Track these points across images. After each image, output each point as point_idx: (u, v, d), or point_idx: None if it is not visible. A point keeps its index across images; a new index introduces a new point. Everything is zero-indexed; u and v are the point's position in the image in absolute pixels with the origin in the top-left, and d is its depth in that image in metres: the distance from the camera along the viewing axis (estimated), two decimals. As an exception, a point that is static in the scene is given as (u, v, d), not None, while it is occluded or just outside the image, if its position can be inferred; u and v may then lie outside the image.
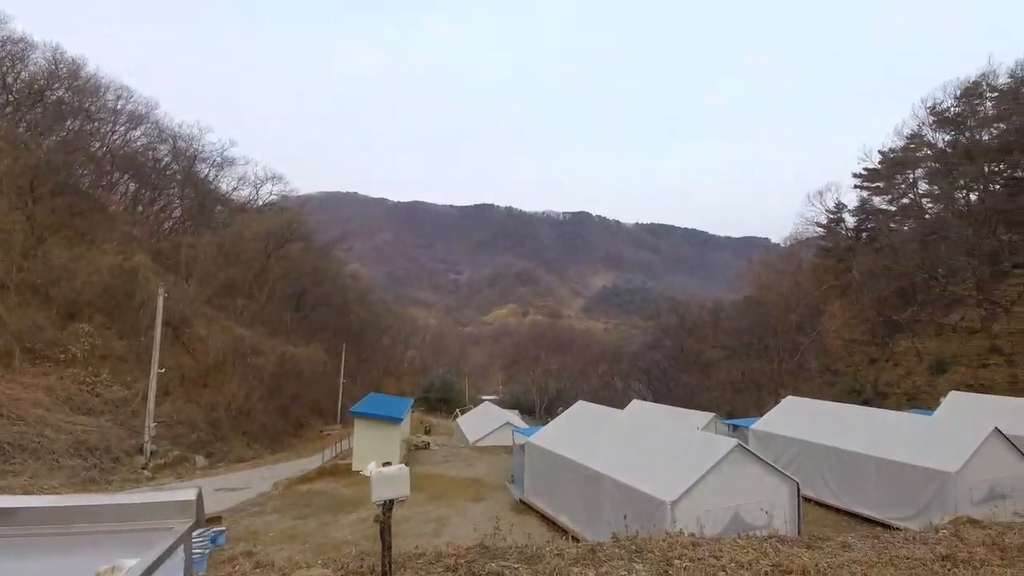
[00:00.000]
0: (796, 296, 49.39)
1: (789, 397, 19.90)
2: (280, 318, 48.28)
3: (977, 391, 27.17)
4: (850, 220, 56.84)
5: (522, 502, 15.87)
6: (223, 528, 9.38)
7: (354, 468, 20.25)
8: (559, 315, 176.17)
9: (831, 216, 56.83)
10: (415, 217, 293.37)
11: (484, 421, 30.98)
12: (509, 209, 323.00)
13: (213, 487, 19.41)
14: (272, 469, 24.54)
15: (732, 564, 4.86)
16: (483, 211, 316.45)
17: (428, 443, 26.22)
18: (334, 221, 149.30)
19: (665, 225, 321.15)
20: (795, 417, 18.08)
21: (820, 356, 45.80)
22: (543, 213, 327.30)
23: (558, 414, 19.67)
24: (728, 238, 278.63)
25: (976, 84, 46.59)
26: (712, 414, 30.66)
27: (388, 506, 4.52)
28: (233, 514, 15.09)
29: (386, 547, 4.47)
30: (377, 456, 11.81)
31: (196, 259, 40.96)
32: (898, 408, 29.21)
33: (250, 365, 36.12)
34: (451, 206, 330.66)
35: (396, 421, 21.49)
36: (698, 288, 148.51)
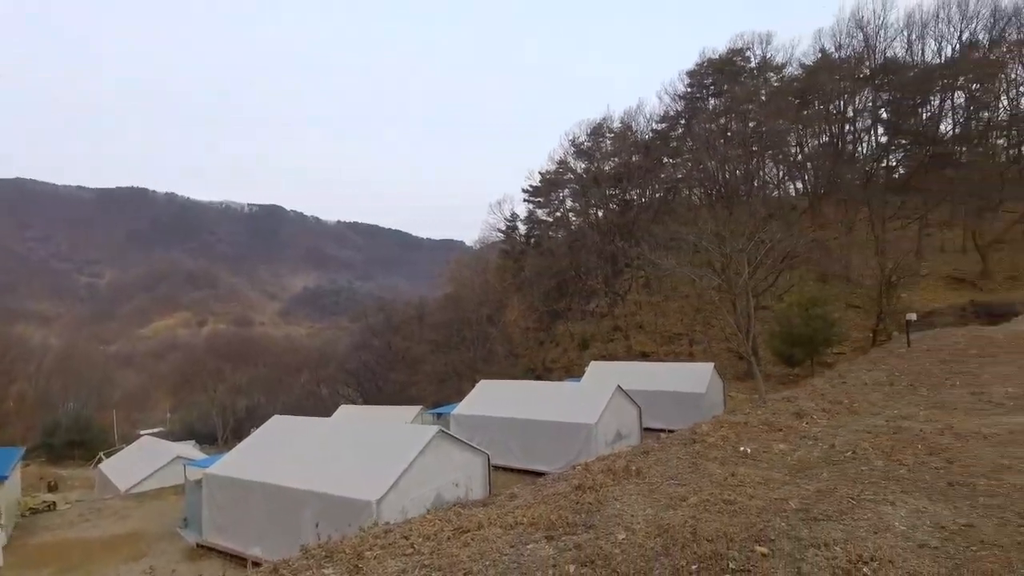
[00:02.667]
0: (486, 292, 56.55)
1: (483, 381, 22.22)
2: None
3: (608, 359, 35.79)
4: (522, 228, 67.71)
5: (200, 546, 13.31)
6: None
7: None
8: (249, 322, 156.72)
9: (508, 223, 66.59)
10: (22, 200, 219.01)
11: (142, 461, 24.39)
12: (171, 196, 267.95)
13: None
14: None
15: (420, 538, 4.93)
16: (133, 196, 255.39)
17: (53, 502, 19.71)
18: None
19: (370, 224, 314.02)
20: (488, 398, 20.30)
21: (505, 343, 53.49)
22: (222, 203, 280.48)
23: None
24: (430, 239, 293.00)
25: (600, 125, 61.46)
26: (420, 407, 32.13)
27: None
28: None
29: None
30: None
31: None
32: (559, 379, 36.11)
33: None
34: (82, 188, 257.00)
35: (-9, 483, 15.39)
36: (405, 287, 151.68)
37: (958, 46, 47.77)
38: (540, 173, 63.39)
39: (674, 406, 21.91)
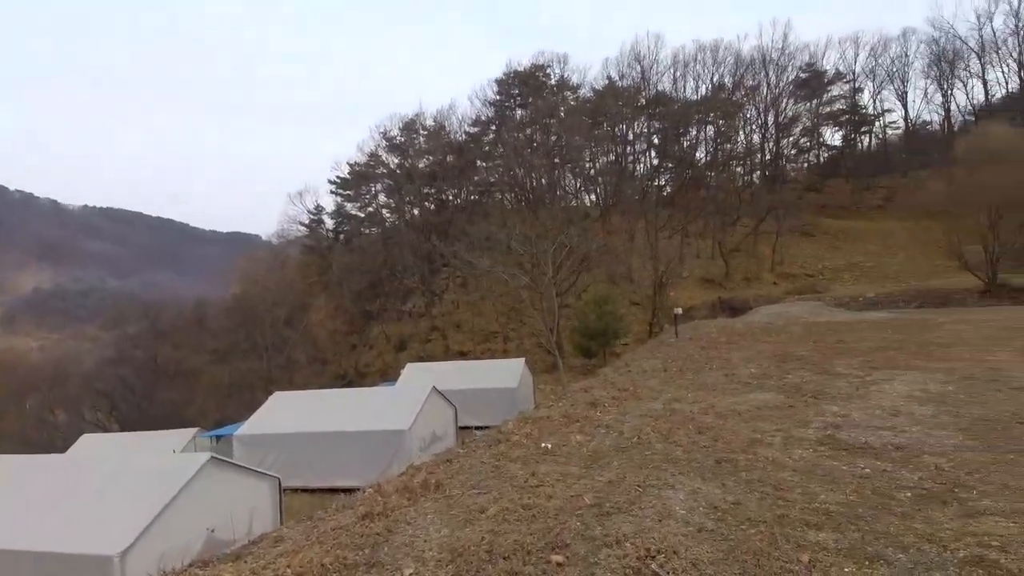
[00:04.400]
0: (283, 292, 50.88)
1: (276, 393, 19.62)
2: None
3: (426, 360, 35.12)
4: (329, 222, 63.18)
5: None
6: None
7: None
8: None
9: (312, 217, 61.59)
10: None
11: None
12: None
13: None
14: None
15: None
16: None
17: None
18: None
19: (130, 211, 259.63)
20: (282, 412, 17.90)
21: (309, 348, 48.99)
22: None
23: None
24: (216, 232, 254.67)
25: (413, 121, 60.49)
26: (195, 429, 27.36)
27: None
28: None
29: None
30: None
31: None
32: (374, 384, 34.28)
33: None
34: None
35: None
36: (182, 287, 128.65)
37: (710, 87, 58.41)
38: (349, 164, 60.07)
39: (489, 402, 22.15)
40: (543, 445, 7.49)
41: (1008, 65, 53.82)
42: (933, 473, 5.42)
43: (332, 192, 60.40)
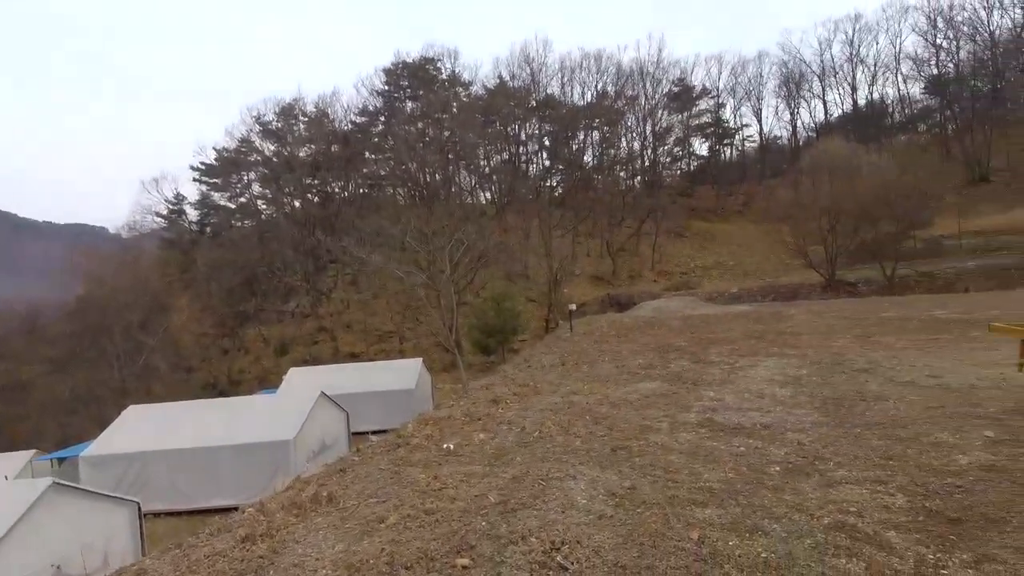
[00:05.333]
0: (137, 291, 44.63)
1: (130, 407, 17.26)
2: None
3: (312, 364, 32.97)
4: (192, 213, 57.13)
5: None
6: None
7: None
8: None
9: (172, 207, 55.34)
10: None
11: None
12: None
13: None
14: None
15: None
16: None
17: None
18: None
19: None
20: (138, 428, 15.78)
21: (170, 355, 43.67)
22: None
23: None
24: (51, 224, 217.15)
25: (291, 106, 56.64)
26: (32, 451, 23.26)
27: None
28: None
29: None
30: None
31: None
32: (251, 392, 31.51)
33: None
34: None
35: None
36: (8, 288, 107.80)
37: (595, 93, 61.53)
38: (216, 149, 54.80)
39: (385, 405, 21.42)
40: (445, 446, 7.29)
41: (844, 88, 63.01)
42: (796, 448, 6.06)
43: (196, 180, 54.85)
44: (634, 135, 61.51)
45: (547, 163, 62.91)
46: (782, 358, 12.21)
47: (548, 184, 60.76)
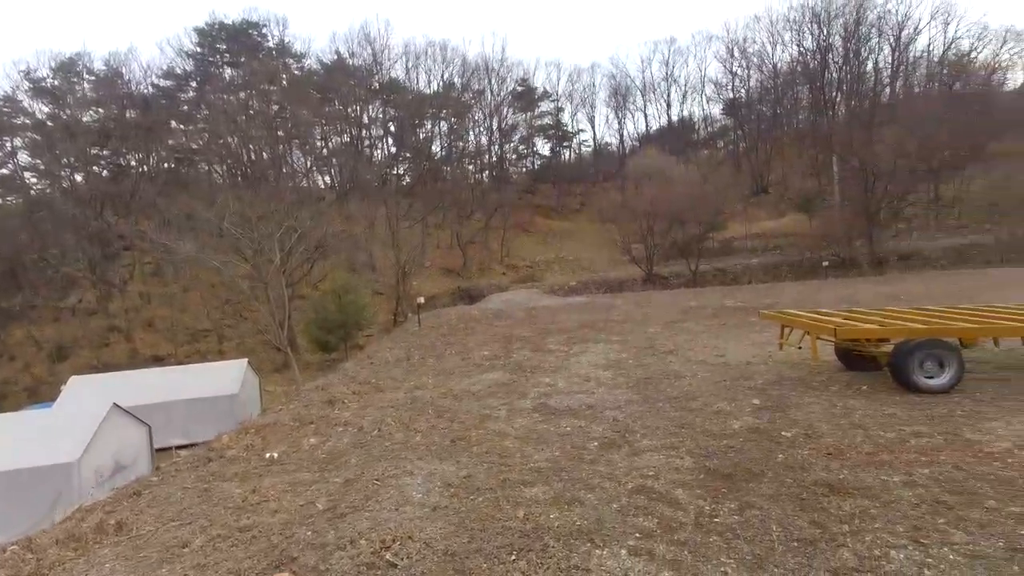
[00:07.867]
0: None
1: None
2: None
3: (101, 371, 27.69)
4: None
5: None
6: None
7: None
8: None
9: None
10: None
11: None
12: None
13: None
14: None
15: None
16: None
17: None
18: None
19: None
20: None
21: None
22: None
23: None
24: None
25: (73, 61, 46.79)
26: None
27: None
28: None
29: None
30: None
31: None
32: (18, 408, 25.60)
33: None
34: None
35: None
36: None
37: (441, 83, 61.29)
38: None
39: (202, 415, 18.75)
40: (268, 455, 6.67)
41: (661, 103, 71.31)
42: (612, 424, 6.74)
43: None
44: (482, 129, 62.76)
45: (393, 150, 61.14)
46: (607, 344, 13.50)
47: (395, 172, 59.12)
